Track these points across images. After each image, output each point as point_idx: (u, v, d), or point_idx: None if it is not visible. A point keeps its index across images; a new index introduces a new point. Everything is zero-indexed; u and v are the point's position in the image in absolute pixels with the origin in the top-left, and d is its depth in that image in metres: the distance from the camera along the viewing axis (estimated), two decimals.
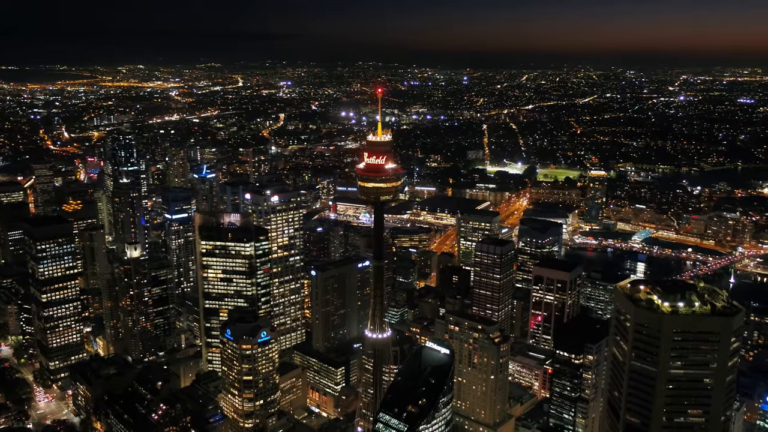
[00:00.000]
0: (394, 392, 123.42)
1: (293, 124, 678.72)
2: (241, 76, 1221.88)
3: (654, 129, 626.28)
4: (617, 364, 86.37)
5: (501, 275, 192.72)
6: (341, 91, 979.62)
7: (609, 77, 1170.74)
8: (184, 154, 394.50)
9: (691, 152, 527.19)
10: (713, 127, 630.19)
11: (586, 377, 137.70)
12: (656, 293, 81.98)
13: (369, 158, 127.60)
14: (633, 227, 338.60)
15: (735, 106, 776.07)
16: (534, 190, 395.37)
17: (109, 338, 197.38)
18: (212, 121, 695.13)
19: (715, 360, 78.86)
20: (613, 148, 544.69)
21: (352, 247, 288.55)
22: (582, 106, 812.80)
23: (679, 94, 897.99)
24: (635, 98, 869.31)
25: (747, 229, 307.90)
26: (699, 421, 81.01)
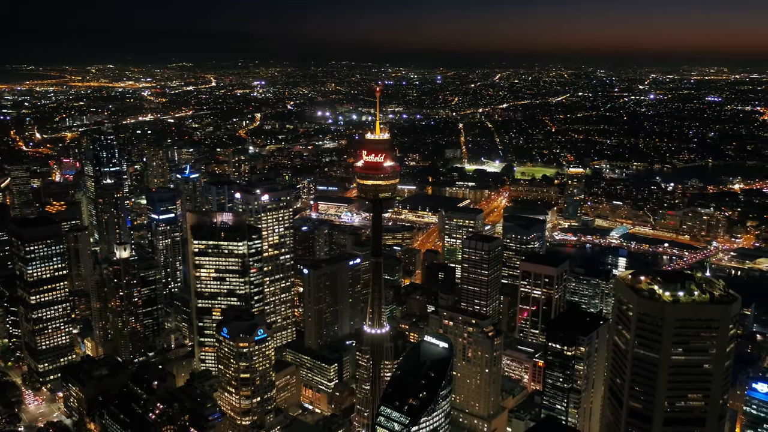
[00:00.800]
0: (395, 386, 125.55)
1: (270, 123, 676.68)
2: (214, 76, 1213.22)
3: (626, 127, 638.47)
4: (619, 353, 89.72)
5: (489, 271, 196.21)
6: (316, 91, 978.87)
7: (580, 76, 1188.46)
8: (162, 154, 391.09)
9: (663, 150, 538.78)
10: (683, 125, 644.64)
11: (578, 368, 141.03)
12: (657, 283, 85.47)
13: (368, 156, 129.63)
14: (610, 223, 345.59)
15: (703, 104, 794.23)
16: (513, 188, 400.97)
17: (97, 339, 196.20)
18: (187, 121, 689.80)
19: (714, 346, 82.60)
20: (587, 146, 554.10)
21: (336, 245, 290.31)
22: (555, 105, 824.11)
23: (649, 93, 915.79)
24: (607, 97, 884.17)
25: (720, 224, 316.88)
26: (699, 405, 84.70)
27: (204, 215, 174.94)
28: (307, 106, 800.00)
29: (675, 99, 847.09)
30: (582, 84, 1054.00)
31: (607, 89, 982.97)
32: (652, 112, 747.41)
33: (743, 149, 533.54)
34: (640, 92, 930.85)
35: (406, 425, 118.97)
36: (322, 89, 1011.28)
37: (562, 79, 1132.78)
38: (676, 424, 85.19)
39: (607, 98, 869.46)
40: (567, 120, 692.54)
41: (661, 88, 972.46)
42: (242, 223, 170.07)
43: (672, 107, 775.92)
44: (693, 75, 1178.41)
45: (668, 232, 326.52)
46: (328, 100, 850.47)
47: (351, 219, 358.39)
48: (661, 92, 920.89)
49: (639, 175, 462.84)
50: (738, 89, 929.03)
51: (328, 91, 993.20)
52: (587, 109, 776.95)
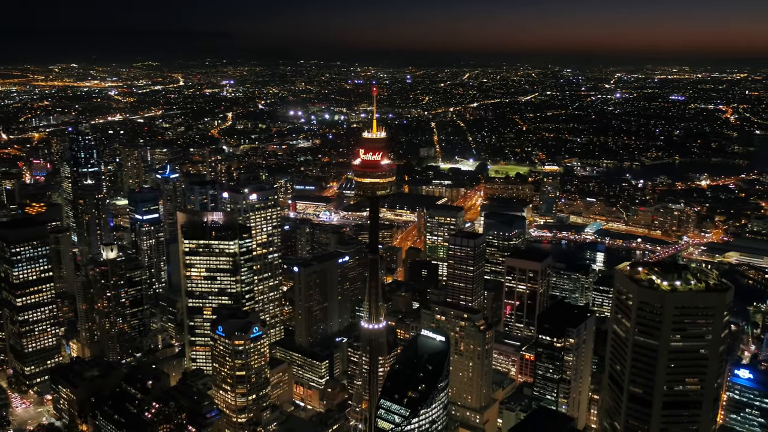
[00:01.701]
0: (394, 380, 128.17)
1: (242, 123, 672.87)
2: (182, 75, 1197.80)
3: (595, 125, 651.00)
4: (619, 341, 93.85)
5: (474, 267, 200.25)
6: (286, 90, 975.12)
7: (547, 75, 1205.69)
8: (138, 154, 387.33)
9: (632, 147, 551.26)
10: (650, 123, 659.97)
11: (567, 359, 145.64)
12: (655, 274, 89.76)
13: (365, 154, 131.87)
14: (584, 220, 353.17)
15: (668, 102, 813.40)
16: (488, 186, 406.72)
17: (84, 341, 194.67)
18: (158, 121, 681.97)
19: (710, 332, 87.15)
20: (558, 144, 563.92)
21: (318, 244, 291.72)
22: (525, 104, 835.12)
23: (615, 92, 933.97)
24: (575, 96, 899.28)
25: (691, 220, 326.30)
26: (696, 389, 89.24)
27: (194, 215, 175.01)
28: (278, 106, 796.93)
29: (640, 98, 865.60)
30: (550, 83, 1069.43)
31: (575, 88, 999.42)
32: (619, 110, 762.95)
33: (708, 147, 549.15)
34: (606, 91, 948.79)
35: (406, 417, 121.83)
36: (292, 88, 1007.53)
37: (530, 78, 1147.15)
38: (674, 407, 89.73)
39: (575, 97, 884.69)
40: (537, 119, 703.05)
41: (626, 87, 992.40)
42: (233, 222, 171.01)
43: (638, 106, 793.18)
44: (656, 74, 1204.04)
45: (641, 228, 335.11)
46: (299, 100, 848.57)
47: (329, 218, 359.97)
48: (626, 91, 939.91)
49: (609, 173, 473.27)
50: (700, 88, 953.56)
51: (299, 90, 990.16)
52: (556, 107, 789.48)
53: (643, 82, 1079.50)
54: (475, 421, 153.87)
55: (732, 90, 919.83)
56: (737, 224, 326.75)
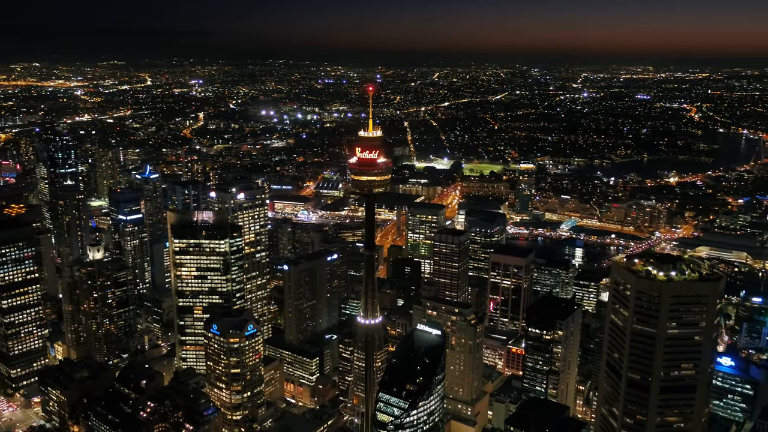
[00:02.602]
0: (391, 373, 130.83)
1: (214, 123, 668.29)
2: (149, 75, 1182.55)
3: (565, 124, 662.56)
4: (617, 329, 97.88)
5: (459, 263, 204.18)
6: (257, 90, 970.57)
7: (516, 75, 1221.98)
8: (112, 155, 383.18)
9: (601, 146, 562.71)
10: (617, 122, 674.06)
11: (556, 351, 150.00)
12: (651, 265, 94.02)
13: (362, 153, 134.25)
14: (559, 217, 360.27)
15: (634, 101, 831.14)
16: (464, 184, 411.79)
17: (69, 343, 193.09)
18: (127, 121, 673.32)
19: (704, 319, 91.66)
20: (530, 143, 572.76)
21: (299, 243, 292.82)
22: (495, 103, 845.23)
23: (583, 91, 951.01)
24: (543, 95, 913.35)
25: (662, 216, 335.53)
26: (690, 374, 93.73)
27: (184, 214, 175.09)
28: (250, 105, 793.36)
29: (607, 97, 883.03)
30: (518, 83, 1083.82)
31: (543, 88, 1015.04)
32: (587, 109, 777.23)
33: (674, 144, 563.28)
34: (574, 90, 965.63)
35: (405, 410, 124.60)
36: (263, 88, 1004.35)
37: (498, 78, 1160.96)
38: (670, 392, 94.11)
39: (544, 96, 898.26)
40: (508, 118, 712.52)
41: (593, 87, 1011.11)
42: (224, 220, 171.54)
43: (605, 105, 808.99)
44: (622, 74, 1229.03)
45: (614, 224, 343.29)
46: (270, 99, 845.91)
47: (308, 217, 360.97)
48: (593, 90, 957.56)
49: (581, 170, 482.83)
50: (664, 87, 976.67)
51: (269, 89, 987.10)
52: (526, 107, 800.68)
53: (609, 81, 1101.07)
54: (467, 414, 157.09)
55: (695, 89, 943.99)
56: (706, 220, 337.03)
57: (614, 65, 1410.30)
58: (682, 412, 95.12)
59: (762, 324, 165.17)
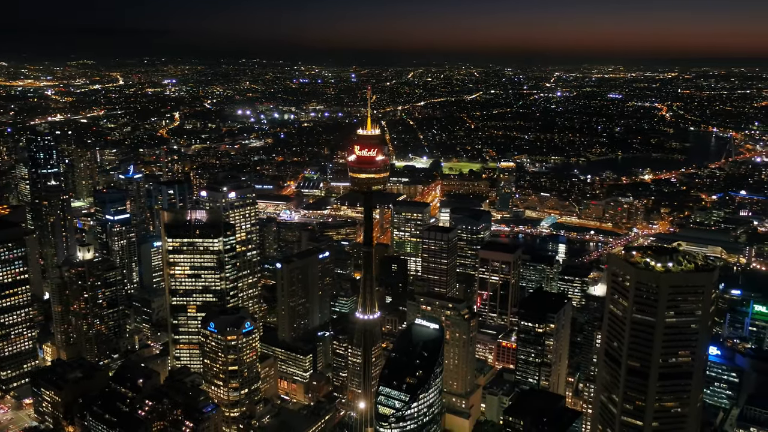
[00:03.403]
0: (391, 367, 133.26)
1: (190, 123, 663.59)
2: (120, 74, 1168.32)
3: (540, 123, 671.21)
4: (616, 319, 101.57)
5: (448, 260, 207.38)
6: (231, 89, 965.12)
7: (489, 74, 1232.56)
8: (90, 155, 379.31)
9: (577, 144, 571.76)
10: (591, 121, 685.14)
11: (548, 344, 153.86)
12: (648, 257, 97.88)
13: (360, 151, 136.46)
14: (539, 214, 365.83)
15: (606, 101, 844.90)
16: (445, 183, 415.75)
17: (59, 344, 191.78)
18: (102, 121, 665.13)
19: (700, 308, 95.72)
20: (507, 141, 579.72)
21: (284, 242, 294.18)
22: (470, 102, 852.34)
23: (556, 90, 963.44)
24: (518, 94, 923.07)
25: (639, 212, 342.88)
26: (687, 360, 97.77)
27: (178, 213, 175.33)
28: (226, 105, 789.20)
29: (580, 96, 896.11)
30: (492, 82, 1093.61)
31: (517, 87, 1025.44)
32: (561, 108, 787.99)
33: (648, 142, 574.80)
34: (547, 90, 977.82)
35: (406, 402, 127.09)
36: (237, 87, 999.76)
37: (473, 77, 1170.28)
38: (668, 379, 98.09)
39: (519, 96, 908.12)
40: (484, 117, 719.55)
41: (566, 86, 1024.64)
42: (218, 219, 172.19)
43: (579, 104, 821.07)
44: (593, 73, 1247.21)
45: (593, 221, 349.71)
46: (246, 99, 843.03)
47: (291, 217, 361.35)
48: (566, 90, 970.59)
49: (557, 168, 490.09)
50: (635, 87, 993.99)
51: (244, 89, 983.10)
52: (501, 106, 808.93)
53: (581, 80, 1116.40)
54: (461, 406, 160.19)
55: (665, 88, 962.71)
56: (681, 216, 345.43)
57: (586, 65, 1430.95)
58: (680, 398, 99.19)
59: (744, 315, 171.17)
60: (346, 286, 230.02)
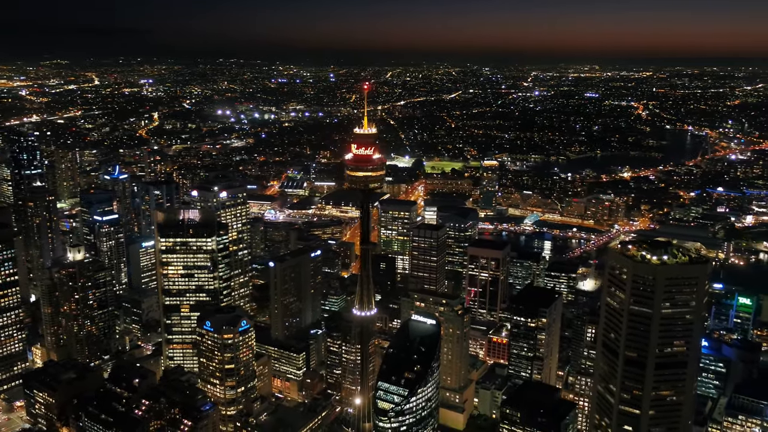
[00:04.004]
0: (389, 363, 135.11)
1: (170, 123, 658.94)
2: (96, 74, 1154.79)
3: (520, 122, 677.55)
4: (613, 311, 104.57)
5: (438, 257, 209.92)
6: (211, 89, 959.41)
7: (467, 74, 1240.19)
8: (71, 156, 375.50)
9: (556, 142, 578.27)
10: (570, 120, 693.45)
11: (540, 338, 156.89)
12: (644, 250, 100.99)
13: (358, 149, 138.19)
14: (522, 212, 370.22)
15: (584, 99, 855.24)
16: (428, 182, 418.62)
17: (49, 345, 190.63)
18: (79, 122, 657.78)
19: (694, 299, 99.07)
20: (487, 140, 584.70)
21: (270, 241, 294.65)
22: (450, 102, 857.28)
23: (534, 90, 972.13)
24: (496, 94, 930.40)
25: (620, 209, 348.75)
26: (682, 350, 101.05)
27: (170, 213, 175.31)
28: (205, 105, 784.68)
29: (558, 95, 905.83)
30: (470, 81, 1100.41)
31: (495, 86, 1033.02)
32: (539, 107, 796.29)
33: (625, 141, 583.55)
34: (525, 89, 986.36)
35: (405, 397, 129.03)
36: (215, 87, 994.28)
37: (451, 77, 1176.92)
38: (664, 368, 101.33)
39: (497, 95, 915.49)
40: (464, 116, 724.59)
41: (543, 85, 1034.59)
42: (212, 218, 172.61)
43: (557, 103, 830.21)
44: (570, 73, 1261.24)
45: (575, 218, 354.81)
46: (225, 99, 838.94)
47: (275, 216, 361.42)
48: (544, 89, 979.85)
49: (538, 167, 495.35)
50: (611, 86, 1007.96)
51: (222, 89, 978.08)
52: (481, 105, 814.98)
53: (558, 80, 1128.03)
54: (455, 401, 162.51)
55: (640, 87, 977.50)
56: (661, 212, 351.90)
57: (562, 64, 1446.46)
58: (675, 386, 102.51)
59: (729, 307, 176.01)
60: (335, 285, 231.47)
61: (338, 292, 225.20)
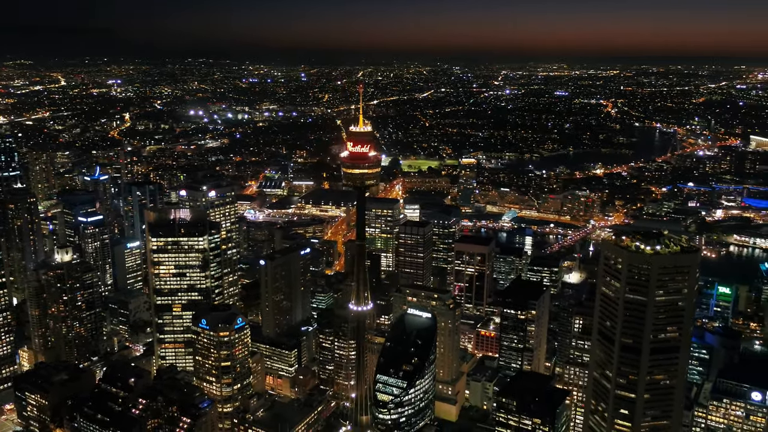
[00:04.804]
0: (387, 356, 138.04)
1: (142, 124, 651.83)
2: (62, 75, 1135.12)
3: (493, 120, 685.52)
4: (608, 300, 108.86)
5: (424, 254, 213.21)
6: (181, 90, 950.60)
7: (438, 73, 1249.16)
8: (46, 157, 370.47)
9: (530, 140, 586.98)
10: (541, 118, 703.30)
11: (530, 330, 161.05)
12: (638, 241, 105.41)
13: (354, 147, 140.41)
14: (500, 209, 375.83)
15: (554, 98, 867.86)
16: (406, 180, 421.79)
17: (36, 348, 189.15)
18: (48, 123, 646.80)
19: (686, 287, 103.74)
20: (462, 139, 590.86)
21: (253, 241, 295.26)
22: (423, 101, 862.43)
23: (505, 88, 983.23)
24: (468, 92, 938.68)
25: (595, 205, 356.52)
26: (675, 336, 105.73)
27: (161, 212, 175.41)
28: (177, 105, 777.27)
29: (528, 94, 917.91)
30: (442, 80, 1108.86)
31: (466, 85, 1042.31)
32: (511, 106, 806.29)
33: (596, 138, 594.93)
34: (496, 88, 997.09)
35: (404, 388, 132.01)
36: (186, 87, 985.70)
37: (422, 76, 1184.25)
38: (659, 353, 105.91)
39: (469, 94, 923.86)
40: (437, 115, 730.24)
41: (514, 84, 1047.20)
42: (203, 217, 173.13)
43: (528, 101, 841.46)
44: (539, 71, 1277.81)
45: (551, 214, 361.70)
46: (196, 99, 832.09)
47: (255, 216, 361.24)
48: (515, 88, 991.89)
49: (512, 164, 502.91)
50: (580, 84, 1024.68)
51: (193, 89, 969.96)
52: (453, 104, 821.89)
53: (528, 78, 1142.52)
54: (448, 393, 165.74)
55: (608, 86, 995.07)
56: (634, 207, 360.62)
57: (531, 63, 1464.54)
58: (668, 370, 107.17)
59: (709, 296, 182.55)
60: (321, 283, 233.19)
61: (325, 290, 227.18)
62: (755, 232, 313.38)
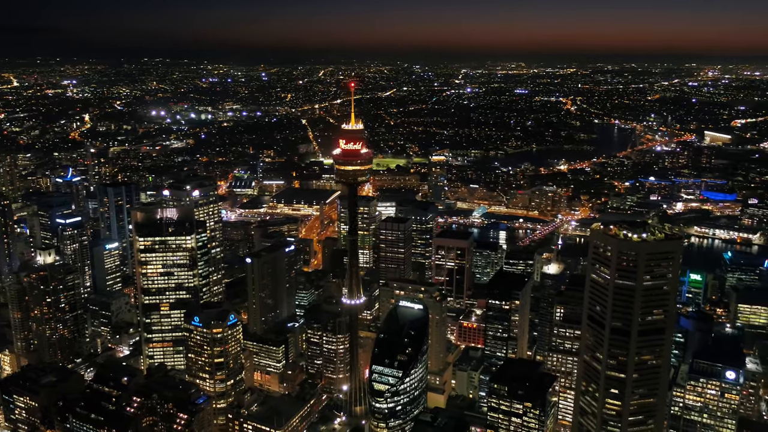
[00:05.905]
0: (381, 347, 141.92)
1: (103, 125, 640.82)
2: (13, 75, 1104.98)
3: (456, 119, 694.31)
4: (598, 286, 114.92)
5: (405, 249, 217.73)
6: (140, 90, 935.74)
7: (399, 71, 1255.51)
8: (10, 160, 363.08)
9: (494, 138, 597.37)
10: (504, 115, 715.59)
11: (514, 319, 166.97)
12: (625, 230, 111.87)
13: (346, 144, 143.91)
14: (469, 205, 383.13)
15: (514, 96, 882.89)
16: (376, 178, 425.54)
17: (19, 351, 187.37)
18: (5, 125, 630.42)
19: (671, 272, 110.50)
20: (428, 137, 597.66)
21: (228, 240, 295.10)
22: (386, 100, 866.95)
23: (466, 87, 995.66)
24: (430, 91, 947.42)
25: (562, 200, 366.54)
26: (661, 318, 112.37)
27: (148, 212, 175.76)
28: (138, 106, 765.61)
29: (489, 92, 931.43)
30: (403, 79, 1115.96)
31: (428, 84, 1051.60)
32: (473, 104, 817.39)
33: (558, 135, 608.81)
34: (457, 86, 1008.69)
35: (399, 378, 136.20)
36: (144, 88, 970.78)
37: (383, 75, 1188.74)
38: (646, 335, 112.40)
39: (431, 92, 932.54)
40: (401, 113, 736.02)
41: (474, 82, 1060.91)
42: (190, 215, 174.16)
43: (489, 99, 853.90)
44: (498, 70, 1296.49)
45: (520, 209, 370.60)
46: (157, 99, 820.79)
47: (227, 216, 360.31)
48: (475, 86, 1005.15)
49: (478, 161, 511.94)
50: (539, 82, 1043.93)
51: (152, 89, 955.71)
52: (416, 102, 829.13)
53: (487, 77, 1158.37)
54: (435, 383, 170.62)
55: (566, 84, 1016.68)
56: (599, 202, 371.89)
57: (489, 61, 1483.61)
58: (654, 351, 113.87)
59: (681, 283, 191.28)
60: (302, 280, 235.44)
61: (306, 287, 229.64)
62: (714, 224, 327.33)
